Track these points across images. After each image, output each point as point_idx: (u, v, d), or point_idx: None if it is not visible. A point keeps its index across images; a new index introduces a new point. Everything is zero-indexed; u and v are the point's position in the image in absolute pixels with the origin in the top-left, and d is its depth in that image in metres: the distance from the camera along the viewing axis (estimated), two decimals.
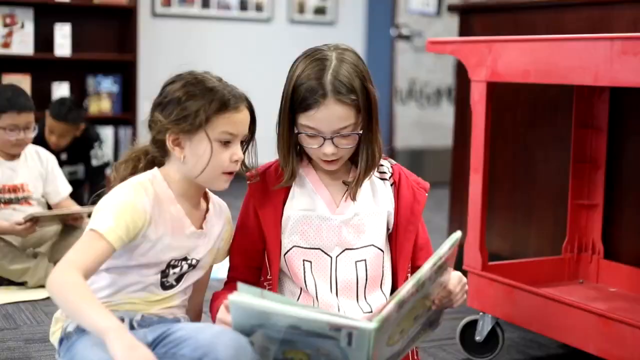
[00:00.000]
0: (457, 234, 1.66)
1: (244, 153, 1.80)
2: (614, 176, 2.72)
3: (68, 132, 4.13)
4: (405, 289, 1.51)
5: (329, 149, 1.78)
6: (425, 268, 1.56)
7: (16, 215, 3.26)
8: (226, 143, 1.73)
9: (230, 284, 1.89)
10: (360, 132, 1.79)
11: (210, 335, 1.59)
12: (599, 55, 2.13)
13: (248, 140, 1.82)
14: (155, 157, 1.80)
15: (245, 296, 1.50)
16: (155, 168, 1.78)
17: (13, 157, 3.36)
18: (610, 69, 2.12)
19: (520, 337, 2.74)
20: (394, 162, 1.95)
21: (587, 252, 2.76)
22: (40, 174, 3.43)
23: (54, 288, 1.57)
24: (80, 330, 1.68)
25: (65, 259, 1.60)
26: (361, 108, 1.77)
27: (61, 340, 1.73)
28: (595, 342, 2.23)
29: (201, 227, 1.82)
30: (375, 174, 1.90)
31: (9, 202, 3.31)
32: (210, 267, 1.92)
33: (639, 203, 2.69)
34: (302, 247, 1.84)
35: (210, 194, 1.87)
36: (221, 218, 1.88)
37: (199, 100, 1.71)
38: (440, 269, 1.62)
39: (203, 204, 1.85)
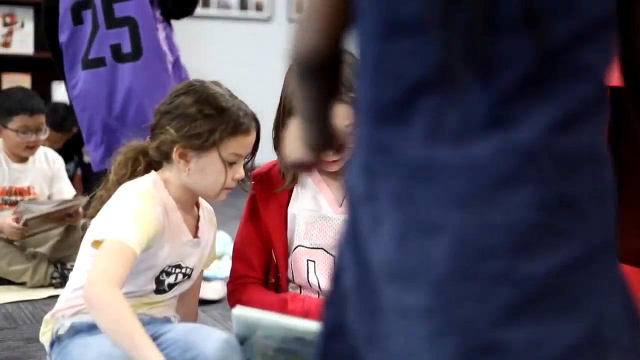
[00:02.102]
0: None
1: (244, 167, 1.81)
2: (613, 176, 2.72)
3: (61, 138, 4.12)
4: None
5: None
6: None
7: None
8: (232, 163, 1.74)
9: (247, 286, 1.89)
10: None
11: (200, 337, 1.60)
12: None
13: (250, 155, 1.82)
14: (155, 160, 1.80)
15: (249, 310, 1.51)
16: (154, 172, 1.77)
17: (22, 159, 3.35)
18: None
19: None
20: None
21: None
22: (47, 175, 3.42)
23: (103, 305, 1.54)
24: (72, 333, 1.68)
25: (105, 271, 1.57)
26: None
27: (52, 343, 1.73)
28: None
29: (196, 236, 1.82)
30: None
31: (14, 204, 3.30)
32: (201, 272, 1.93)
33: (639, 203, 2.69)
34: (306, 247, 1.84)
35: (200, 200, 1.87)
36: (210, 224, 1.88)
37: (213, 121, 1.70)
38: None
39: (195, 210, 1.84)
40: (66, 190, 3.49)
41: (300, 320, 1.50)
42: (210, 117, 1.70)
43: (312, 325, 1.48)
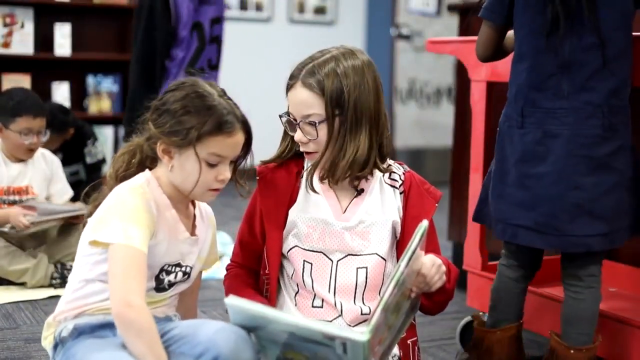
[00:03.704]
0: (424, 223, 1.66)
1: (235, 169, 1.79)
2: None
3: (57, 139, 4.09)
4: (388, 292, 1.54)
5: (297, 134, 1.80)
6: (402, 267, 1.58)
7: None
8: (213, 164, 1.71)
9: (234, 269, 1.95)
10: (320, 121, 1.77)
11: (210, 331, 1.60)
12: None
13: (241, 158, 1.79)
14: (149, 155, 1.80)
15: (242, 300, 1.51)
16: (148, 171, 1.77)
17: (20, 159, 3.35)
18: None
19: None
20: (407, 168, 1.93)
21: None
22: (46, 175, 3.43)
23: (140, 329, 1.57)
24: (75, 335, 1.68)
25: (133, 288, 1.58)
26: (327, 101, 1.76)
27: (56, 345, 1.72)
28: None
29: (194, 234, 1.82)
30: (386, 181, 1.89)
31: (12, 203, 3.30)
32: (200, 272, 1.92)
33: None
34: (302, 249, 1.84)
35: None
36: (206, 222, 1.88)
37: (194, 117, 1.68)
38: (412, 260, 1.63)
39: (190, 208, 1.84)
40: (65, 191, 3.50)
41: (291, 316, 1.50)
42: (191, 115, 1.69)
43: (302, 321, 1.49)
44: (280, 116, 1.83)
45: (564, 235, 2.04)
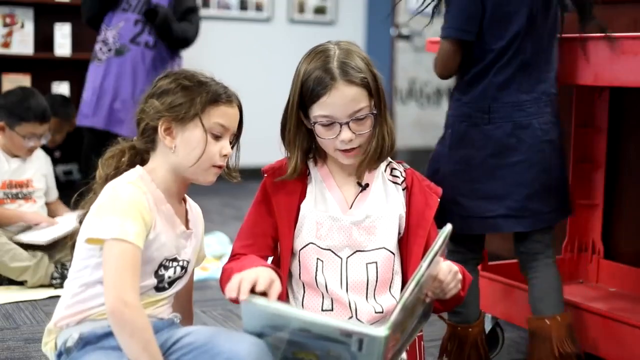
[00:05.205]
0: (448, 227, 1.65)
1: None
2: (614, 176, 2.72)
3: (62, 126, 4.15)
4: (408, 292, 1.53)
5: (346, 134, 1.77)
6: (423, 267, 1.57)
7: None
8: (217, 136, 1.74)
9: (238, 258, 1.87)
10: (375, 112, 1.79)
11: (231, 341, 1.60)
12: (599, 55, 2.13)
13: (235, 139, 1.81)
14: (140, 151, 1.79)
15: (258, 298, 1.51)
16: (139, 167, 1.77)
17: (17, 155, 3.43)
18: (610, 69, 2.12)
19: (520, 337, 2.73)
20: (407, 166, 1.94)
21: (587, 252, 2.76)
22: (43, 171, 3.53)
23: (135, 329, 1.57)
24: (81, 345, 1.67)
25: (128, 286, 1.58)
26: (372, 89, 1.78)
27: (60, 354, 1.70)
28: (595, 342, 2.23)
29: (188, 228, 1.82)
30: (388, 177, 1.90)
31: (15, 197, 3.38)
32: (193, 271, 1.92)
33: (639, 203, 2.68)
34: (317, 246, 1.83)
35: (186, 196, 1.87)
36: (197, 218, 1.89)
37: (192, 91, 1.72)
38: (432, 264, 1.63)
39: (182, 203, 1.84)
40: (55, 191, 3.62)
41: (308, 312, 1.49)
42: (189, 88, 1.73)
43: (320, 318, 1.49)
44: (314, 123, 1.79)
45: (537, 214, 2.19)
